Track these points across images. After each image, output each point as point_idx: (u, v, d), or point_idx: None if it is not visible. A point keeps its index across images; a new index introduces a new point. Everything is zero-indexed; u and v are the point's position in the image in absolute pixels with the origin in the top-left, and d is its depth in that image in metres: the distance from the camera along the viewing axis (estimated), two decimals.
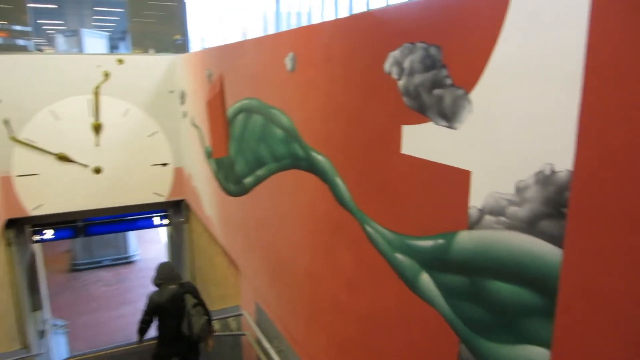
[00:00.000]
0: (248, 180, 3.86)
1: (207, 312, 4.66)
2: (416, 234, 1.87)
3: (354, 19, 2.16)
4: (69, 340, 11.29)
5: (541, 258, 1.34)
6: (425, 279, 1.83)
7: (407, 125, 1.85)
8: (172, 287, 4.64)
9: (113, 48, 22.79)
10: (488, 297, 1.54)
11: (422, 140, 1.78)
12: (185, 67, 5.76)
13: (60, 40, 11.01)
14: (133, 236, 17.48)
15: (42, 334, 7.75)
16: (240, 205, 4.17)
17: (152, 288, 4.84)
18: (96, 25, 26.24)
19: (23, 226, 6.63)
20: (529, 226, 1.37)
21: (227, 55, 4.12)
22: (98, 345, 11.25)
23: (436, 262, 1.76)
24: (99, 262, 16.57)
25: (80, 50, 10.53)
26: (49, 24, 22.71)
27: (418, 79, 1.76)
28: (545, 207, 1.32)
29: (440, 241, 1.72)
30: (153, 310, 4.60)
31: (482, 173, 1.52)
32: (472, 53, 1.50)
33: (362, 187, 2.23)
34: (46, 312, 8.77)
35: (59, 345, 10.05)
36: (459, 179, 1.60)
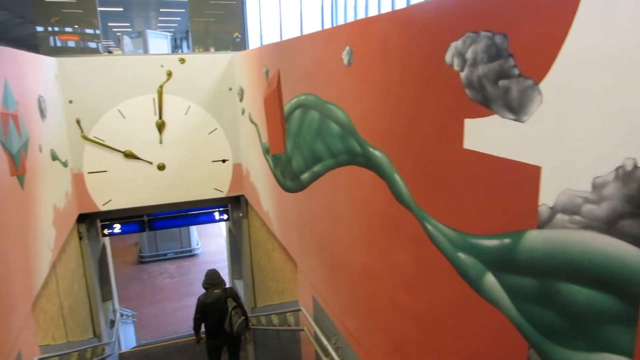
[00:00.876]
0: (305, 176, 3.87)
1: (244, 313, 5.44)
2: (480, 233, 1.78)
3: (412, 9, 2.08)
4: (136, 330, 11.89)
5: (622, 261, 1.23)
6: (491, 279, 1.74)
7: (470, 119, 1.77)
8: (217, 291, 5.46)
9: (177, 47, 23.64)
10: (561, 301, 1.43)
11: (486, 135, 1.69)
12: (243, 65, 5.86)
13: (126, 41, 11.57)
14: (195, 230, 18.14)
15: (112, 323, 8.19)
16: (297, 201, 4.19)
17: None
18: (161, 26, 27.36)
19: (93, 220, 7.03)
20: (608, 226, 1.26)
21: (283, 52, 4.14)
22: (163, 334, 11.79)
23: (502, 263, 1.67)
24: (163, 254, 17.32)
25: (145, 50, 11.02)
26: (117, 26, 23.94)
27: (482, 69, 1.67)
28: (626, 205, 1.20)
29: (507, 241, 1.63)
30: (201, 309, 5.43)
31: (553, 169, 1.41)
32: (542, 40, 1.40)
33: (421, 184, 2.16)
34: (115, 302, 9.26)
35: (127, 334, 10.60)
36: (528, 175, 1.50)
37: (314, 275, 4.00)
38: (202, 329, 5.57)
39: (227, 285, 5.67)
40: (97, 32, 7.64)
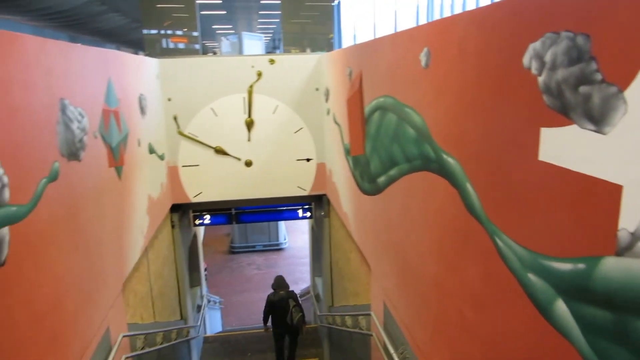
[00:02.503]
0: (381, 179, 3.80)
1: (301, 310, 6.85)
2: (552, 254, 1.61)
3: (491, 8, 1.94)
4: (222, 316, 12.51)
5: None
6: (561, 307, 1.57)
7: (546, 128, 1.61)
8: (282, 292, 6.93)
9: (275, 48, 24.50)
10: (638, 340, 1.25)
11: (563, 146, 1.52)
12: (329, 65, 5.90)
13: (224, 43, 12.24)
14: (283, 226, 18.67)
15: (198, 308, 8.68)
16: (373, 204, 4.13)
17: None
18: (260, 28, 28.50)
19: (185, 211, 7.49)
20: None
21: (365, 53, 4.09)
22: (246, 323, 12.28)
23: (574, 290, 1.50)
24: (252, 246, 18.03)
25: (239, 52, 11.54)
26: (220, 29, 25.34)
27: (561, 74, 1.51)
28: None
29: (581, 266, 1.46)
30: (269, 305, 6.95)
31: (636, 189, 1.24)
32: (629, 43, 1.23)
33: (493, 196, 2.01)
34: (203, 288, 9.80)
35: (214, 319, 11.18)
36: (607, 194, 1.33)
37: (385, 281, 3.92)
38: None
39: (290, 289, 7.18)
40: (196, 34, 8.12)
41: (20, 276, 2.32)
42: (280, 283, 7.03)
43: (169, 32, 7.78)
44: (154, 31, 7.78)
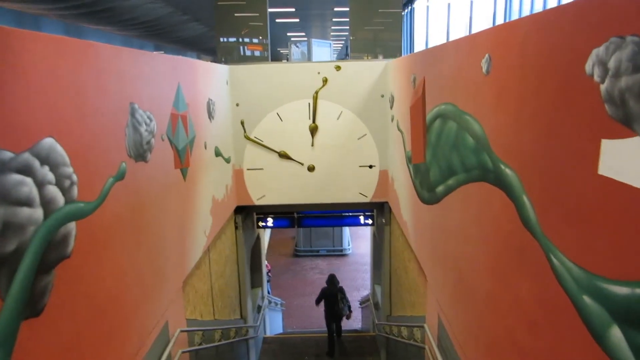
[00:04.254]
0: (439, 189, 3.69)
1: (347, 302, 9.00)
2: (609, 276, 1.48)
3: (553, 11, 1.83)
4: (284, 318, 12.68)
5: None
6: (616, 335, 1.43)
7: (607, 140, 1.48)
8: (332, 287, 8.89)
9: (347, 55, 24.64)
10: None
11: (625, 160, 1.39)
12: (395, 72, 5.83)
13: (294, 50, 12.49)
14: (348, 231, 18.66)
15: (259, 308, 8.86)
16: (431, 213, 4.01)
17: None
18: (334, 35, 28.75)
19: (249, 213, 7.69)
20: None
21: (429, 60, 4.00)
22: (306, 326, 12.37)
23: (632, 317, 1.36)
24: (317, 251, 18.16)
25: (308, 58, 11.71)
26: (294, 36, 25.88)
27: (625, 82, 1.38)
28: None
29: (639, 291, 1.32)
30: (322, 295, 8.95)
31: None
32: None
33: (550, 210, 1.88)
34: (265, 289, 9.99)
35: (275, 320, 11.36)
36: None
37: (440, 293, 3.79)
38: None
39: (340, 285, 9.19)
40: (266, 41, 8.34)
41: (83, 269, 2.49)
42: (332, 280, 9.02)
43: (246, 39, 8.09)
44: (231, 39, 8.10)
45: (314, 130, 6.76)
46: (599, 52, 1.52)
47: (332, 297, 8.71)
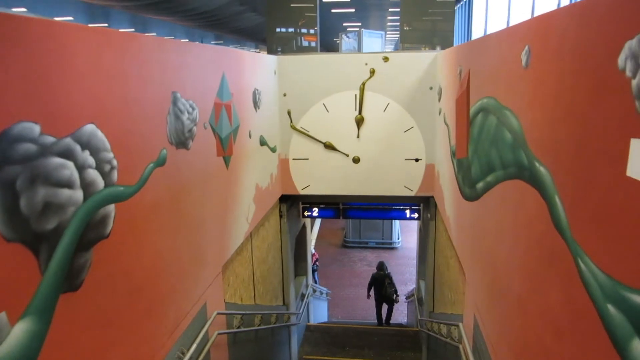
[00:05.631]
0: (479, 185, 3.58)
1: (394, 287, 10.40)
2: (635, 285, 1.39)
3: (590, 1, 1.72)
4: (329, 307, 12.79)
5: None
6: (638, 348, 1.35)
7: (637, 139, 1.39)
8: (381, 273, 10.46)
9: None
10: None
11: None
12: (443, 64, 5.68)
13: (344, 41, 12.38)
14: (398, 225, 18.47)
15: (302, 296, 8.98)
16: (471, 210, 3.90)
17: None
18: (391, 25, 28.32)
19: (295, 202, 7.79)
20: None
21: (473, 51, 3.87)
22: (351, 317, 12.43)
23: None
24: (365, 243, 18.12)
25: (358, 49, 11.60)
26: (350, 26, 25.72)
27: None
28: None
29: None
30: (372, 280, 10.54)
31: None
32: None
33: (579, 212, 1.79)
34: (309, 278, 10.11)
35: (320, 310, 11.49)
36: None
37: (476, 293, 3.69)
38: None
39: (388, 271, 10.65)
40: (312, 31, 8.34)
41: (122, 249, 2.63)
42: (381, 266, 10.56)
43: (295, 30, 8.15)
44: (281, 29, 8.17)
45: (360, 121, 6.72)
46: (632, 44, 1.42)
47: (381, 281, 10.27)
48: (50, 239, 2.07)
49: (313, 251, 13.56)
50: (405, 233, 18.88)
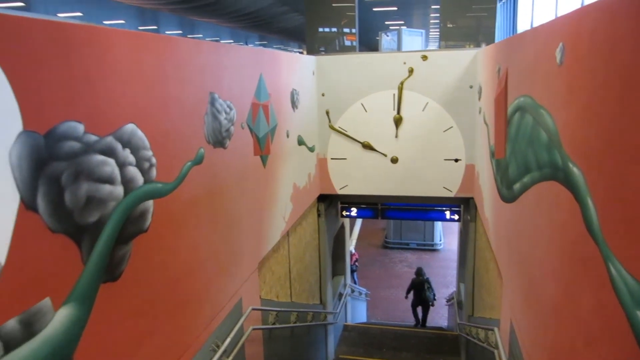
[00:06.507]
0: (516, 186, 3.50)
1: (433, 291, 10.80)
2: None
3: None
4: (368, 308, 12.75)
5: None
6: None
7: None
8: (420, 278, 10.67)
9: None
10: None
11: None
12: (483, 62, 5.57)
13: (383, 39, 12.28)
14: (440, 226, 18.16)
15: (340, 296, 9.01)
16: (508, 212, 3.82)
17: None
18: (434, 22, 27.88)
19: (333, 201, 7.82)
20: None
21: (511, 49, 3.79)
22: (390, 319, 12.34)
23: None
24: (406, 244, 17.90)
25: (398, 48, 11.49)
26: (393, 24, 25.50)
27: None
28: None
29: None
30: (411, 285, 10.77)
31: None
32: None
33: (611, 215, 1.73)
34: (347, 278, 10.12)
35: (359, 310, 11.49)
36: None
37: (513, 297, 3.61)
38: None
39: (427, 277, 10.90)
40: (353, 31, 8.34)
41: (160, 243, 2.75)
42: (420, 272, 10.82)
43: (334, 30, 8.19)
44: (321, 29, 8.23)
45: (398, 121, 6.68)
46: None
47: (420, 286, 10.64)
48: (92, 231, 2.21)
49: (353, 251, 13.54)
50: (448, 235, 18.54)
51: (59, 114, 2.00)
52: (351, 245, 14.81)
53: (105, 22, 20.61)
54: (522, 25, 17.07)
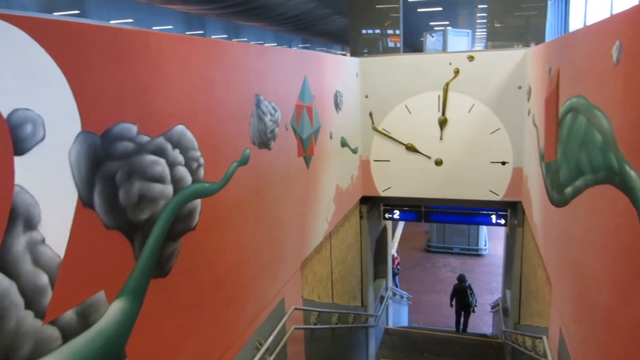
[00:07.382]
0: (568, 190, 3.37)
1: (475, 297, 10.90)
2: None
3: None
4: (410, 312, 12.60)
5: None
6: None
7: None
8: (462, 284, 10.81)
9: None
10: None
11: None
12: (532, 62, 5.40)
13: (428, 40, 12.10)
14: (485, 230, 17.70)
15: (381, 299, 8.94)
16: (559, 217, 3.68)
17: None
18: (481, 22, 27.24)
19: (376, 203, 7.78)
20: None
21: (563, 48, 3.65)
22: (432, 324, 12.14)
23: None
24: (449, 248, 17.56)
25: (443, 48, 11.29)
26: (437, 25, 25.10)
27: None
28: None
29: None
30: (454, 291, 10.93)
31: None
32: None
33: None
34: (389, 281, 10.04)
35: (400, 314, 11.37)
36: None
37: (563, 304, 3.48)
38: None
39: (468, 283, 11.03)
40: (397, 32, 8.28)
41: (206, 241, 2.83)
42: (462, 279, 10.96)
43: (377, 31, 8.17)
44: (364, 31, 8.24)
45: (443, 123, 6.58)
46: None
47: (462, 292, 10.81)
48: (144, 228, 2.30)
49: (395, 254, 13.40)
50: (494, 240, 18.06)
51: (114, 116, 2.09)
52: (392, 248, 14.68)
53: (154, 28, 21.40)
54: (575, 24, 16.43)
